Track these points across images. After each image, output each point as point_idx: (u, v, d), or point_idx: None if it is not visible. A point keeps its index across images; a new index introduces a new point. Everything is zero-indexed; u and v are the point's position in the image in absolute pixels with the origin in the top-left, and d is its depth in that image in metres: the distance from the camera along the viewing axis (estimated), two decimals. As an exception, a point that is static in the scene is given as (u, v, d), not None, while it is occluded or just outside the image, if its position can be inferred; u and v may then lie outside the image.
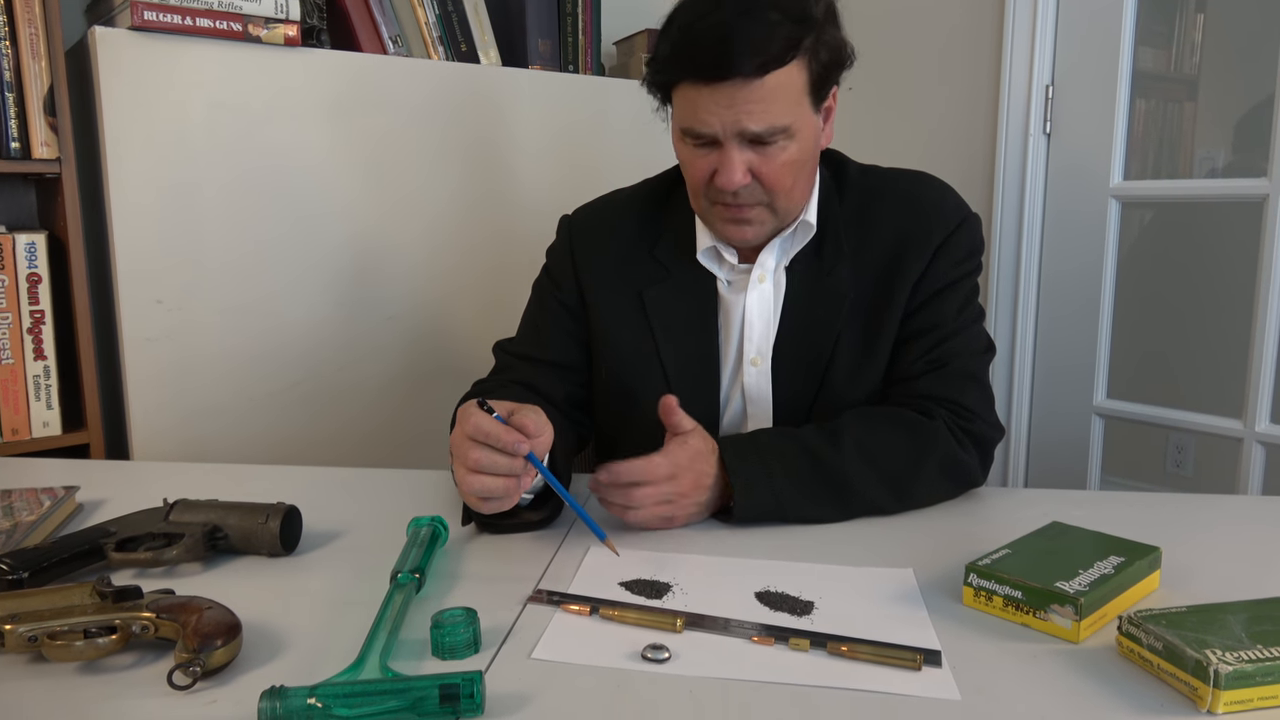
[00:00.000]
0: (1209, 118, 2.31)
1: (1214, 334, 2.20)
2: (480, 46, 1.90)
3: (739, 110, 1.01)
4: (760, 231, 1.11)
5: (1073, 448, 2.00)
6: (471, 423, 0.87)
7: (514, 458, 0.87)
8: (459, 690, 0.61)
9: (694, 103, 1.03)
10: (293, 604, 0.80)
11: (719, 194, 1.07)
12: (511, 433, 0.86)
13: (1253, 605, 0.72)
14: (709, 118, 1.02)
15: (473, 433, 0.87)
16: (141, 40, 1.50)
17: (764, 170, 1.05)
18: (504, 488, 0.88)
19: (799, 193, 1.10)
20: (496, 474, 0.87)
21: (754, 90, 1.00)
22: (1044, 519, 0.91)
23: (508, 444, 0.86)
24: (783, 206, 1.09)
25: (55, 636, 0.68)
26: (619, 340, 1.19)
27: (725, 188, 1.04)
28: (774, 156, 1.04)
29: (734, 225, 1.10)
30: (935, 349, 1.12)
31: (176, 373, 1.59)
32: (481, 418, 0.87)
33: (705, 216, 1.13)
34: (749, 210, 1.08)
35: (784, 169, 1.06)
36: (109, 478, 1.18)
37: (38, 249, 1.50)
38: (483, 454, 0.87)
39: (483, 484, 0.87)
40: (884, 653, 0.70)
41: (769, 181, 1.06)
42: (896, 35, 2.15)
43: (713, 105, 1.01)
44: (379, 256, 1.79)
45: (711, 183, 1.07)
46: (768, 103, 1.01)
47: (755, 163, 1.04)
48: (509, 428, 0.87)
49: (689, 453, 0.97)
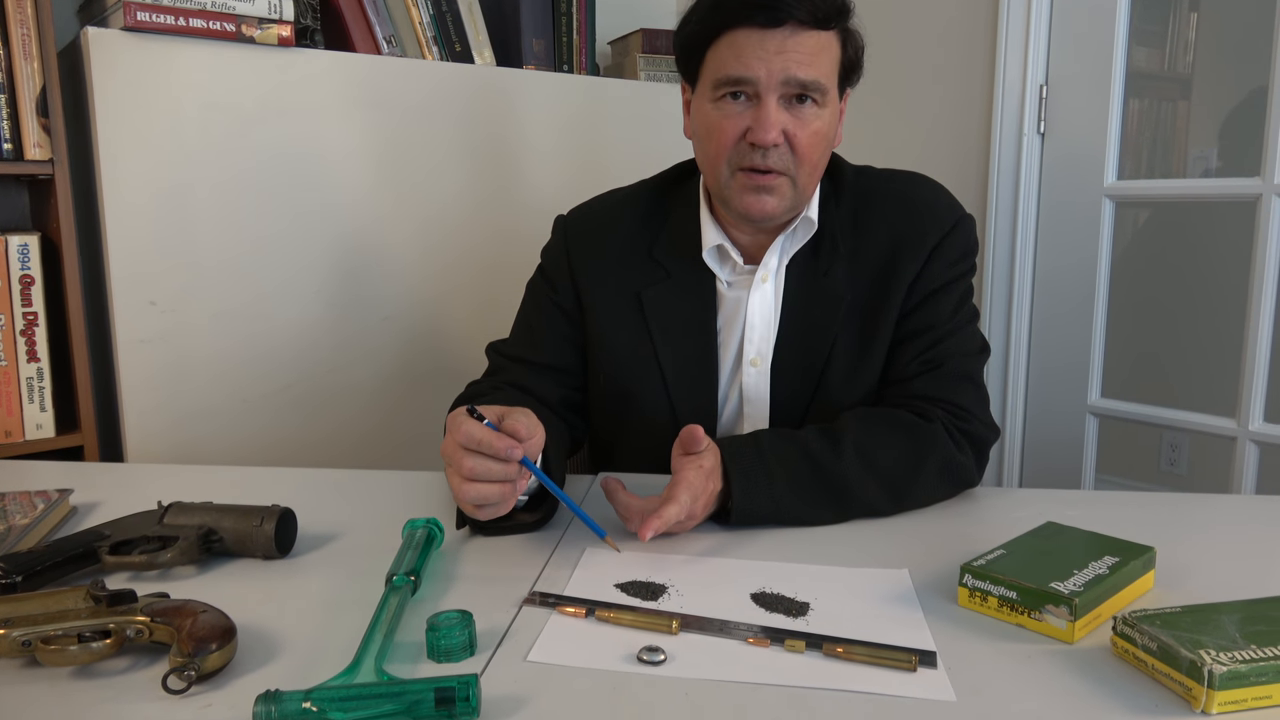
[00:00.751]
0: (1202, 116, 2.32)
1: (1208, 333, 2.20)
2: (475, 46, 1.90)
3: (789, 57, 1.02)
4: (780, 206, 1.09)
5: (1067, 447, 2.00)
6: (463, 431, 0.86)
7: (508, 463, 0.86)
8: (454, 694, 0.61)
9: (740, 49, 1.04)
10: (288, 607, 0.80)
11: (748, 156, 1.06)
12: (503, 439, 0.86)
13: (1247, 605, 0.72)
14: (756, 63, 1.03)
15: (464, 441, 0.86)
16: (134, 41, 1.49)
17: (798, 134, 1.05)
18: (500, 493, 0.87)
19: (818, 175, 1.11)
20: (491, 480, 0.87)
21: (804, 40, 1.03)
22: (1039, 519, 0.91)
23: (500, 450, 0.85)
24: (803, 183, 1.09)
25: (49, 641, 0.68)
26: (616, 342, 1.19)
27: (761, 142, 1.04)
28: (808, 121, 1.06)
29: (755, 195, 1.08)
30: (930, 350, 1.12)
31: (170, 375, 1.59)
32: (472, 425, 0.86)
33: (724, 190, 1.11)
34: (775, 178, 1.07)
35: (814, 138, 1.07)
36: (103, 480, 1.17)
37: (30, 251, 1.50)
38: (476, 462, 0.86)
39: (478, 492, 0.87)
40: (879, 654, 0.70)
41: (800, 147, 1.06)
42: (891, 35, 2.15)
43: (761, 51, 1.03)
44: (374, 257, 1.79)
45: (741, 142, 1.06)
46: (815, 56, 1.03)
47: (789, 124, 1.05)
48: (500, 434, 0.86)
49: (703, 475, 0.96)
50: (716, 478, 0.97)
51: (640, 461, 1.18)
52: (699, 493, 0.94)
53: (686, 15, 1.11)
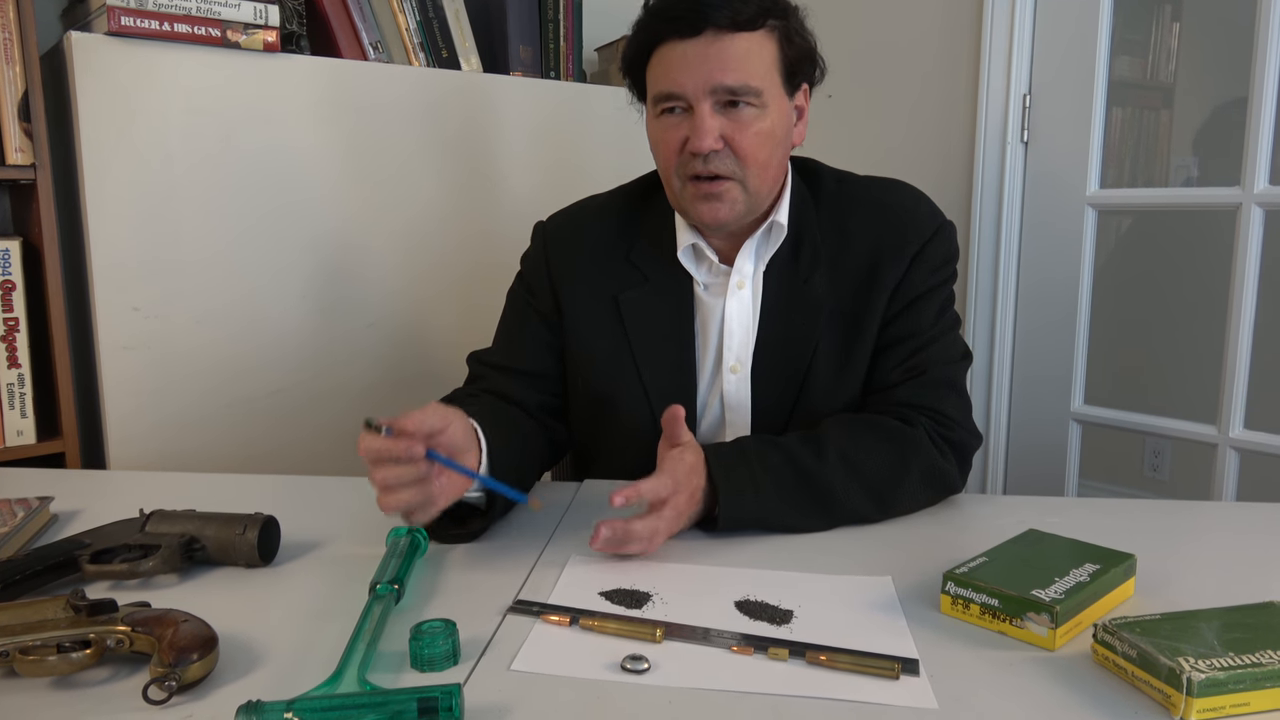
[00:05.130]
0: (1184, 125, 2.34)
1: (1189, 340, 2.22)
2: (461, 52, 1.90)
3: (712, 65, 1.04)
4: (733, 211, 1.10)
5: (1051, 453, 2.01)
6: (363, 447, 0.84)
7: (414, 464, 0.85)
8: (437, 704, 0.61)
9: (669, 64, 1.06)
10: (270, 616, 0.80)
11: (691, 164, 1.08)
12: (399, 441, 0.83)
13: (1226, 613, 0.73)
14: (682, 76, 1.05)
15: (365, 455, 0.84)
16: (118, 46, 1.49)
17: (736, 137, 1.06)
18: (419, 495, 0.85)
19: (771, 175, 1.11)
20: (405, 484, 0.84)
21: (727, 46, 1.04)
22: (1021, 526, 0.92)
23: (400, 453, 0.83)
24: (754, 186, 1.09)
25: (28, 651, 0.68)
26: (595, 346, 1.19)
27: (697, 150, 1.05)
28: (746, 124, 1.07)
29: (706, 202, 1.09)
30: (913, 357, 1.13)
31: (153, 381, 1.58)
32: (369, 439, 0.84)
33: (680, 201, 1.13)
34: (721, 184, 1.08)
35: (757, 139, 1.07)
36: (84, 488, 1.17)
37: (12, 256, 1.49)
38: (386, 472, 0.84)
39: (397, 499, 0.84)
40: (862, 662, 0.71)
41: (741, 149, 1.07)
42: (875, 44, 2.16)
43: (685, 62, 1.05)
44: (359, 263, 1.79)
45: (684, 152, 1.08)
46: (740, 60, 1.05)
47: (727, 129, 1.06)
48: (396, 438, 0.84)
49: (685, 468, 0.96)
50: (699, 474, 0.98)
51: (622, 467, 1.18)
52: (681, 484, 0.95)
53: (630, 32, 1.14)
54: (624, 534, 0.90)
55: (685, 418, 1.12)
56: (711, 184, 1.08)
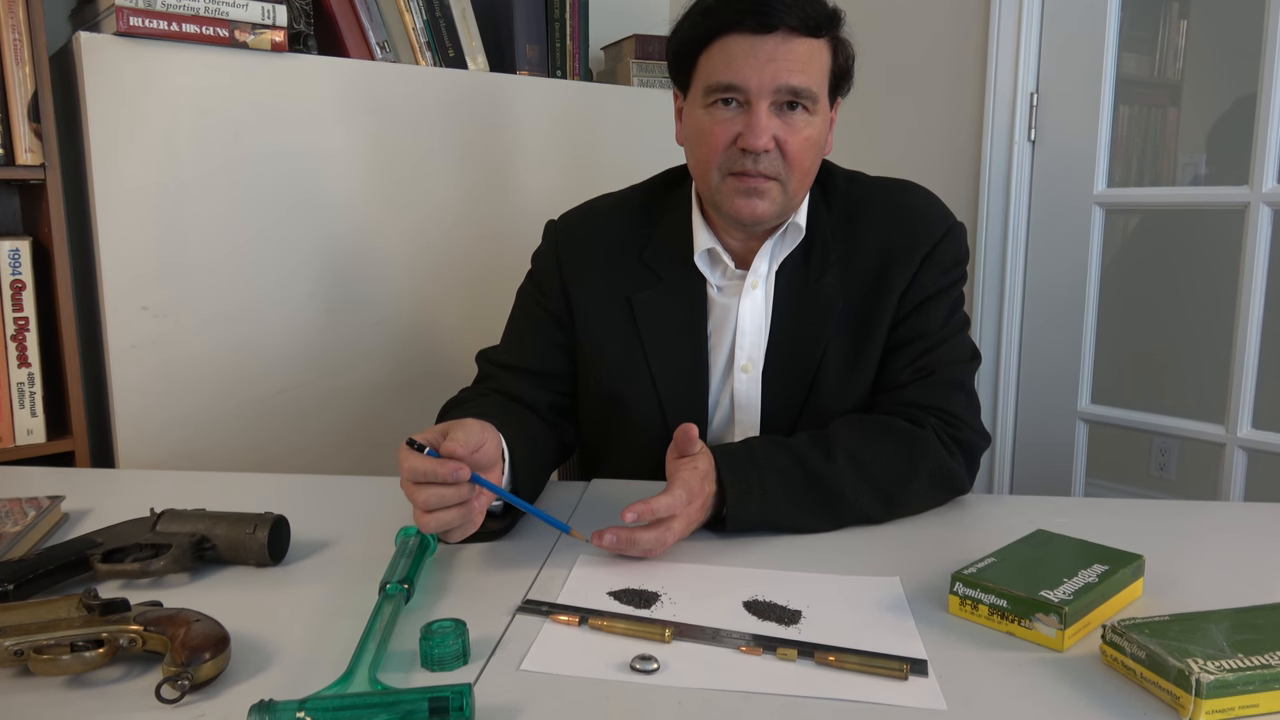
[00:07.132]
0: (1192, 123, 2.33)
1: (1197, 340, 2.22)
2: (468, 52, 1.90)
3: (780, 65, 1.03)
4: (770, 210, 1.10)
5: (1058, 452, 2.01)
6: (406, 466, 0.85)
7: (459, 485, 0.85)
8: (448, 703, 0.62)
9: (732, 56, 1.05)
10: (281, 615, 0.80)
11: (739, 161, 1.07)
12: (447, 464, 0.84)
13: (1235, 614, 0.73)
14: (747, 70, 1.04)
15: (410, 475, 0.85)
16: (127, 46, 1.49)
17: (789, 140, 1.06)
18: (460, 516, 0.86)
19: (808, 181, 1.12)
20: (447, 506, 0.85)
21: (795, 48, 1.04)
22: (1029, 526, 0.92)
23: (447, 476, 0.84)
24: (793, 189, 1.10)
25: (41, 650, 0.68)
26: (607, 347, 1.19)
27: (752, 148, 1.05)
28: (798, 128, 1.07)
29: (745, 198, 1.08)
30: (922, 357, 1.13)
31: (163, 380, 1.58)
32: (414, 459, 0.85)
33: (715, 195, 1.11)
34: (765, 182, 1.08)
35: (805, 144, 1.08)
36: (95, 487, 1.17)
37: (22, 256, 1.49)
38: (429, 493, 0.84)
39: (439, 520, 0.85)
40: (871, 662, 0.71)
41: (791, 153, 1.07)
42: (882, 44, 2.16)
43: (753, 59, 1.04)
44: (367, 262, 1.79)
45: (732, 147, 1.07)
46: (806, 63, 1.05)
47: (780, 131, 1.06)
48: (443, 460, 0.84)
49: (699, 476, 0.96)
50: (711, 480, 0.97)
51: (631, 467, 1.18)
52: (695, 494, 0.94)
53: (679, 22, 1.12)
54: (628, 542, 0.91)
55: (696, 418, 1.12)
56: (756, 179, 1.08)
